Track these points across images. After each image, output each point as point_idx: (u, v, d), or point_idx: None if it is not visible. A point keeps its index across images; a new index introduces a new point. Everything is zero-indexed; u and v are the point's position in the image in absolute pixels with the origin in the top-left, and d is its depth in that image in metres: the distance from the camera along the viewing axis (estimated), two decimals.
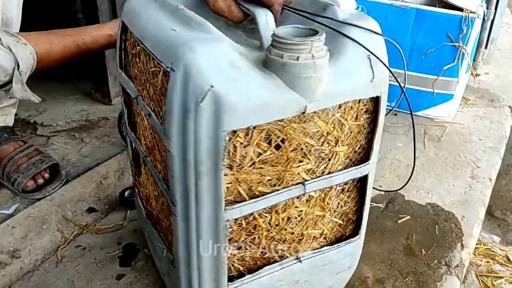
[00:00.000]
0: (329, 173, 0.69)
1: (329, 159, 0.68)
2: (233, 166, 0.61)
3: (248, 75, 0.58)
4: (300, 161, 0.65)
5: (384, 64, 0.65)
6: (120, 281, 0.90)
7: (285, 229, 0.70)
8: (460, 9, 1.38)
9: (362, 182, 0.75)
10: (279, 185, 0.65)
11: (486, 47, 1.78)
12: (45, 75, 1.03)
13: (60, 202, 1.07)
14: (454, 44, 1.41)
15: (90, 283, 0.89)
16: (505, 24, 2.41)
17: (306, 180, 0.67)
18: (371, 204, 1.14)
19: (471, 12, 1.37)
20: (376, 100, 0.67)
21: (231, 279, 0.70)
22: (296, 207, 0.69)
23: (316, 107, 0.62)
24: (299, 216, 0.70)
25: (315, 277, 0.78)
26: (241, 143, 0.59)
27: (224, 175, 0.60)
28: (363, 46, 0.64)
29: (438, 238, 1.05)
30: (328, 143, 0.66)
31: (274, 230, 0.69)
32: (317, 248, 0.76)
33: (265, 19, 0.64)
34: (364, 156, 0.72)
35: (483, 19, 1.49)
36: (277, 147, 0.62)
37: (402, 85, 0.69)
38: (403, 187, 0.98)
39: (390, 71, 0.66)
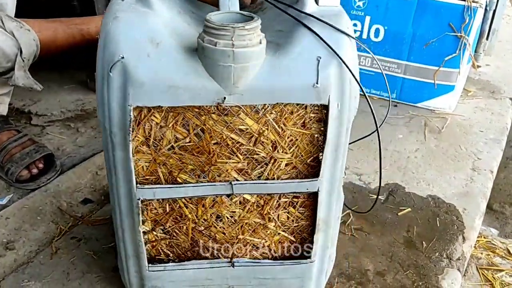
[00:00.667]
0: (267, 179, 0.64)
1: (267, 164, 0.63)
2: (150, 145, 0.60)
3: (166, 54, 0.56)
4: (228, 158, 0.62)
5: (346, 66, 0.58)
6: (116, 273, 0.88)
7: (215, 227, 0.68)
8: None
9: (315, 200, 0.68)
10: (204, 178, 0.63)
11: (487, 38, 1.76)
12: (39, 63, 1.01)
13: (55, 193, 1.05)
14: (456, 34, 1.39)
15: (86, 275, 0.88)
16: (506, 15, 2.39)
17: (237, 180, 0.63)
18: (370, 197, 1.13)
19: (473, 1, 1.35)
20: (326, 109, 0.60)
21: (159, 261, 0.70)
22: (226, 206, 0.66)
23: (238, 101, 0.57)
24: (231, 217, 0.67)
25: None
26: (157, 123, 0.59)
27: (141, 153, 0.60)
28: (322, 39, 0.57)
29: (439, 230, 1.03)
30: (263, 145, 0.61)
31: (202, 224, 0.67)
32: (257, 258, 0.71)
33: (228, 1, 0.60)
34: (315, 171, 0.65)
35: (485, 9, 1.47)
36: (198, 136, 0.60)
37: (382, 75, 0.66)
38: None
39: (353, 74, 0.59)
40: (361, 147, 1.27)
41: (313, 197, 0.67)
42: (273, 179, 0.64)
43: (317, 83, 0.57)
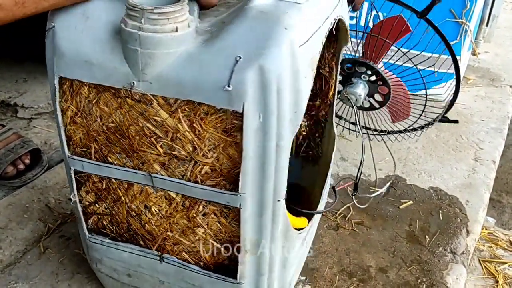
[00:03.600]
0: (188, 180, 0.59)
1: (188, 164, 0.58)
2: (82, 118, 0.61)
3: (92, 29, 0.55)
4: (148, 148, 0.58)
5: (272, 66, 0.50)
6: None
7: (145, 216, 0.65)
8: None
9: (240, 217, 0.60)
10: (129, 163, 0.61)
11: (487, 25, 1.72)
12: (25, 54, 0.96)
13: (42, 189, 1.01)
14: (457, 20, 1.34)
15: (76, 276, 0.84)
16: (505, 1, 2.35)
17: (160, 174, 0.60)
18: (371, 189, 1.10)
19: None
20: (242, 118, 0.51)
21: (103, 235, 0.71)
22: (152, 198, 0.63)
23: (147, 89, 0.54)
24: (159, 211, 0.64)
25: None
26: (86, 97, 0.59)
27: (78, 124, 0.61)
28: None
29: (442, 223, 1.00)
30: (181, 143, 0.57)
31: (133, 210, 0.65)
32: (187, 261, 0.67)
33: None
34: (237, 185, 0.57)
35: None
36: (118, 119, 0.58)
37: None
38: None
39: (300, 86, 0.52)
40: (359, 138, 1.23)
41: (239, 213, 0.60)
42: (196, 182, 0.59)
43: (228, 85, 0.49)
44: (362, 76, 1.03)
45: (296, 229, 0.68)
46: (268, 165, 0.55)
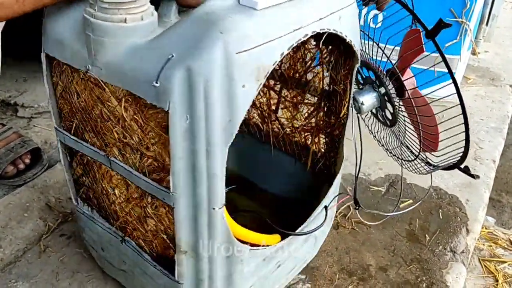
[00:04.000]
0: (137, 170, 0.60)
1: (136, 154, 0.59)
2: (64, 92, 0.64)
3: (74, 10, 0.58)
4: (108, 131, 0.60)
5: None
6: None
7: (112, 196, 0.67)
8: None
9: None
10: (97, 143, 0.64)
11: (487, 24, 1.72)
12: (25, 53, 0.95)
13: (42, 188, 1.01)
14: (457, 20, 1.34)
15: (76, 275, 0.84)
16: (504, 1, 2.35)
17: (115, 157, 0.61)
18: (371, 188, 1.10)
19: None
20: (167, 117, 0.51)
21: (88, 206, 0.74)
22: (115, 181, 0.65)
23: (98, 74, 0.55)
24: (121, 194, 0.65)
25: (140, 277, 0.71)
26: (67, 75, 0.62)
27: (65, 99, 0.65)
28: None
29: (442, 223, 1.00)
30: (130, 132, 0.57)
31: (103, 188, 0.67)
32: (143, 248, 0.67)
33: None
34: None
35: None
36: (86, 98, 0.61)
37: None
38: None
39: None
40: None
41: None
42: (144, 174, 0.59)
43: (156, 81, 0.49)
44: (373, 85, 0.86)
45: (253, 245, 0.66)
46: (198, 169, 0.53)
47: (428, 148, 0.81)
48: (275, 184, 0.94)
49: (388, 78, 0.79)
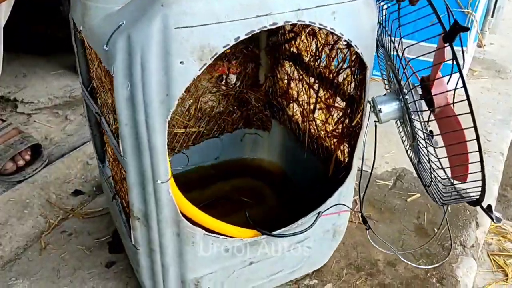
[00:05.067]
0: (111, 131, 0.64)
1: (110, 116, 0.64)
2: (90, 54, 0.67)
3: None
4: (104, 93, 0.63)
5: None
6: (109, 269, 0.83)
7: (109, 153, 0.72)
8: None
9: None
10: (98, 102, 0.68)
11: (492, 16, 1.70)
12: (25, 49, 0.94)
13: (43, 184, 1.00)
14: (463, 11, 1.32)
15: (77, 272, 0.82)
16: None
17: (104, 116, 0.67)
18: (378, 182, 1.08)
19: None
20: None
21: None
22: (105, 137, 0.72)
23: (85, 35, 0.61)
24: (112, 153, 0.69)
25: (123, 237, 0.78)
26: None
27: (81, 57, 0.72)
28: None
29: (451, 216, 0.98)
30: (107, 93, 0.61)
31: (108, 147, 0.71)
32: (124, 208, 0.72)
33: None
34: None
35: None
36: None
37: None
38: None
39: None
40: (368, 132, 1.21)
41: None
42: (114, 136, 0.64)
43: (106, 45, 0.52)
44: (397, 93, 0.72)
45: (223, 235, 0.66)
46: (141, 139, 0.55)
47: (456, 178, 0.71)
48: (304, 186, 0.93)
49: (409, 87, 0.66)
